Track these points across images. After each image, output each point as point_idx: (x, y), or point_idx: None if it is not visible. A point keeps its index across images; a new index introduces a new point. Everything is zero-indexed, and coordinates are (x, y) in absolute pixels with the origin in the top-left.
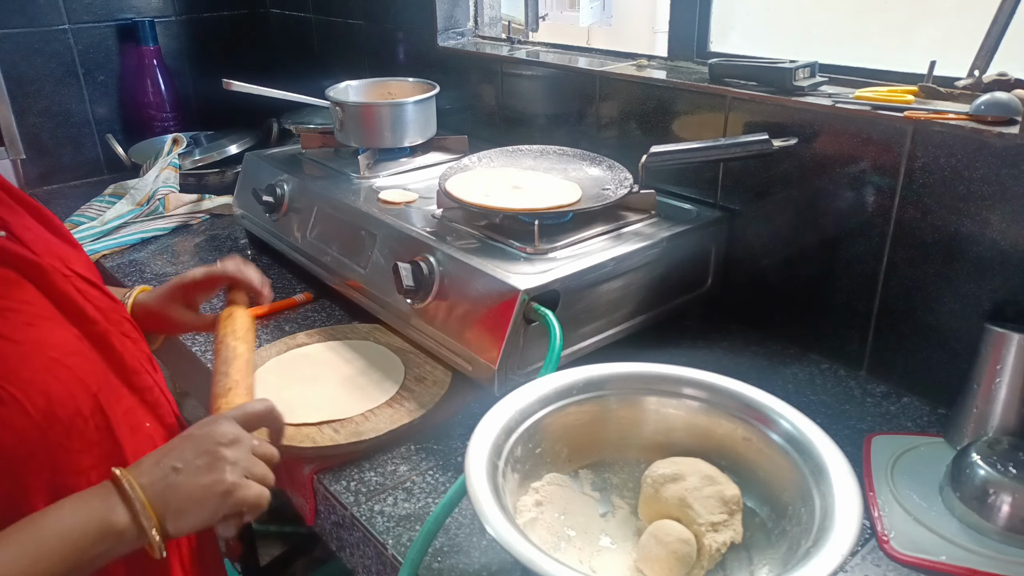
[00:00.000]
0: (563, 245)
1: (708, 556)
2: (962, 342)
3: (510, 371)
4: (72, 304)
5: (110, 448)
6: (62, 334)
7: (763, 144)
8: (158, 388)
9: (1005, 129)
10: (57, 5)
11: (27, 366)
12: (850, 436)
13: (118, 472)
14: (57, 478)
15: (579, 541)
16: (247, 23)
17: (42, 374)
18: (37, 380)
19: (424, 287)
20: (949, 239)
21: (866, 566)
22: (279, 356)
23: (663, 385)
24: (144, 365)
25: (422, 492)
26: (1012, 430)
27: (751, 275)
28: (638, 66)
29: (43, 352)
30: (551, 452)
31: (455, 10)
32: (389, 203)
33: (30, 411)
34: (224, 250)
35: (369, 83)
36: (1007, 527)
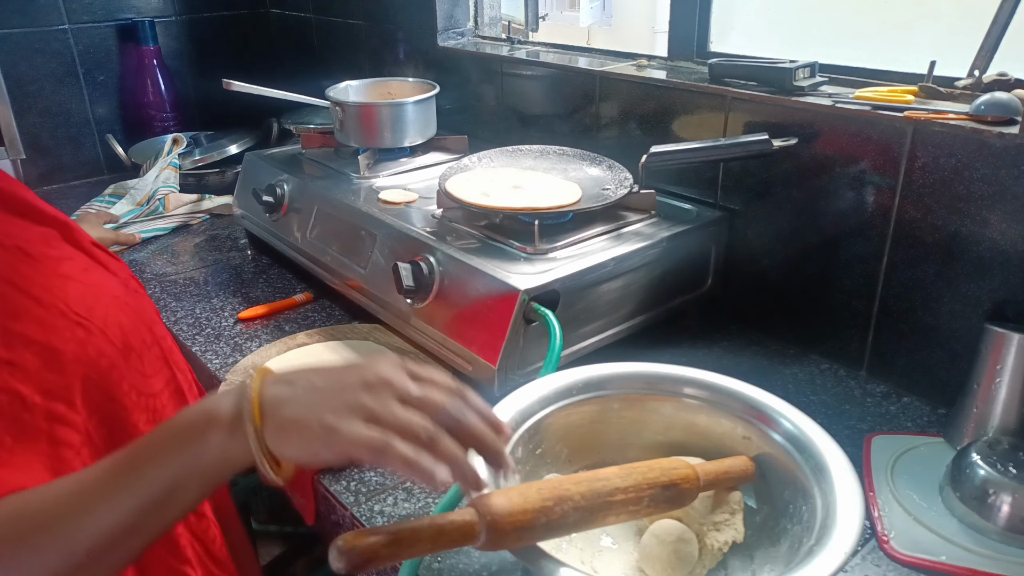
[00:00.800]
0: (563, 245)
1: (709, 555)
2: (962, 342)
3: (510, 371)
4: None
5: (170, 375)
6: (111, 279)
7: (763, 144)
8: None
9: (1005, 129)
10: (57, 5)
11: (99, 304)
12: (850, 436)
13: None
14: (142, 400)
15: (580, 541)
16: (247, 23)
17: (112, 310)
18: (111, 315)
19: (424, 287)
20: (949, 239)
21: (866, 566)
22: (279, 356)
23: (663, 385)
24: (154, 317)
25: (422, 492)
26: (1012, 430)
27: (751, 275)
28: (638, 66)
29: (107, 292)
30: (551, 453)
31: (455, 10)
32: (389, 203)
33: (112, 340)
34: (224, 250)
35: (369, 83)
36: (1007, 527)
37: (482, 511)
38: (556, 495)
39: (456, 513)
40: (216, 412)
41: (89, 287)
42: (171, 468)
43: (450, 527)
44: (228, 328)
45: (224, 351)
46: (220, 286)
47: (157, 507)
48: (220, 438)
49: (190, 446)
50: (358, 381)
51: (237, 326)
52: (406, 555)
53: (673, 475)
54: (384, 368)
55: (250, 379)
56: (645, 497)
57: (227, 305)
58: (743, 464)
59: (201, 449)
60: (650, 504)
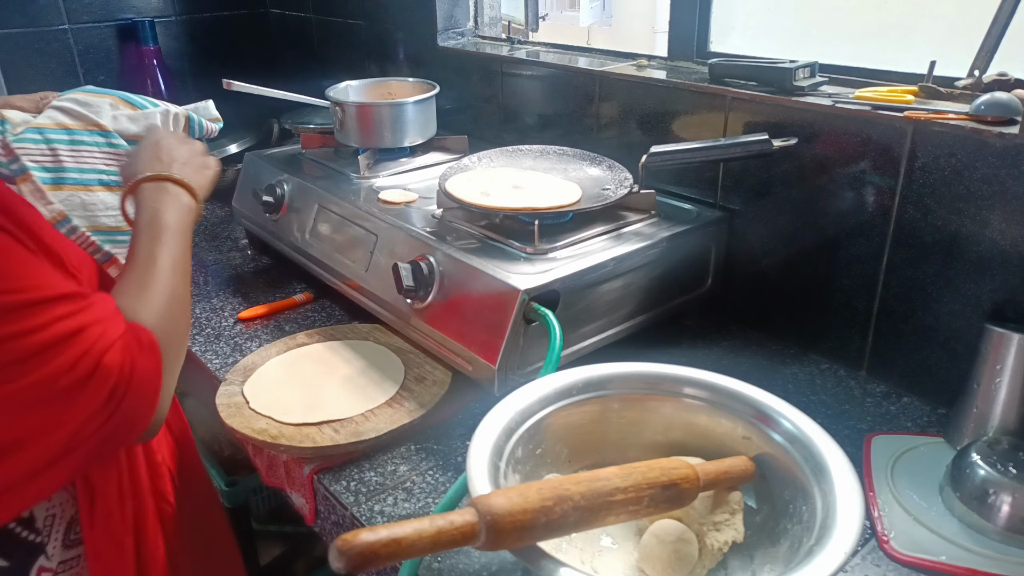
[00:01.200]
0: (563, 245)
1: (710, 555)
2: (962, 342)
3: (510, 371)
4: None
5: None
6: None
7: (763, 144)
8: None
9: (1005, 129)
10: (57, 5)
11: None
12: (850, 436)
13: (174, 175)
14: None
15: (580, 541)
16: (247, 23)
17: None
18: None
19: (424, 287)
20: (949, 239)
21: (866, 566)
22: (279, 356)
23: (663, 385)
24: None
25: (422, 492)
26: (1012, 430)
27: (751, 275)
28: (638, 66)
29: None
30: (551, 453)
31: (455, 10)
32: (389, 203)
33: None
34: (224, 250)
35: (369, 83)
36: (1007, 527)
37: (482, 511)
38: (556, 495)
39: (456, 513)
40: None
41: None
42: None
43: (450, 527)
44: (228, 328)
45: (224, 351)
46: (220, 286)
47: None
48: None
49: (188, 222)
50: (181, 141)
51: (237, 326)
52: (406, 555)
53: (673, 475)
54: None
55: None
56: (645, 497)
57: (227, 305)
58: (743, 464)
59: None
60: (650, 504)
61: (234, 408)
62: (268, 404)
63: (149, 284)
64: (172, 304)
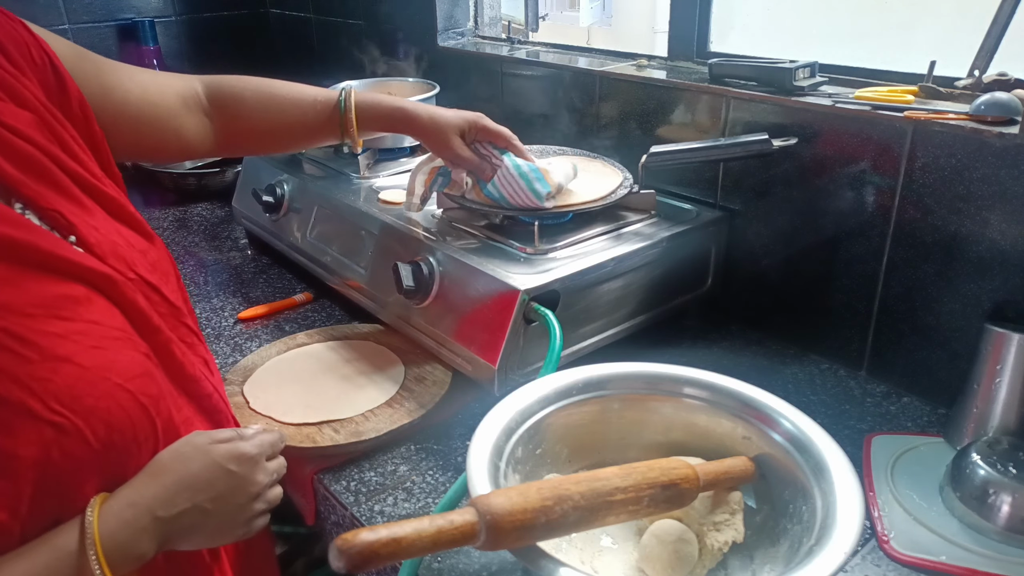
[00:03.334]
0: (563, 245)
1: (710, 555)
2: (962, 342)
3: (510, 371)
4: (141, 315)
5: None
6: (129, 355)
7: (763, 144)
8: (217, 394)
9: (1005, 129)
10: (57, 5)
11: (92, 393)
12: (850, 436)
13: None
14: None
15: (580, 541)
16: (247, 23)
17: (105, 401)
18: (100, 408)
19: (424, 287)
20: (949, 239)
21: (866, 566)
22: (279, 356)
23: (663, 385)
24: (202, 371)
25: (422, 492)
26: (1012, 430)
27: (751, 275)
28: (638, 66)
29: (108, 378)
30: (551, 453)
31: (455, 10)
32: (389, 203)
33: (90, 439)
34: (224, 250)
35: (369, 83)
36: (1007, 527)
37: (482, 511)
38: (556, 495)
39: (456, 513)
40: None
41: (87, 371)
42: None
43: (450, 527)
44: (228, 328)
45: (224, 351)
46: (220, 286)
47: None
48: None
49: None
50: (249, 497)
51: (237, 326)
52: (406, 555)
53: (673, 475)
54: (262, 475)
55: (89, 529)
56: (645, 497)
57: (227, 305)
58: (743, 464)
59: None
60: (650, 504)
61: (234, 408)
62: (268, 404)
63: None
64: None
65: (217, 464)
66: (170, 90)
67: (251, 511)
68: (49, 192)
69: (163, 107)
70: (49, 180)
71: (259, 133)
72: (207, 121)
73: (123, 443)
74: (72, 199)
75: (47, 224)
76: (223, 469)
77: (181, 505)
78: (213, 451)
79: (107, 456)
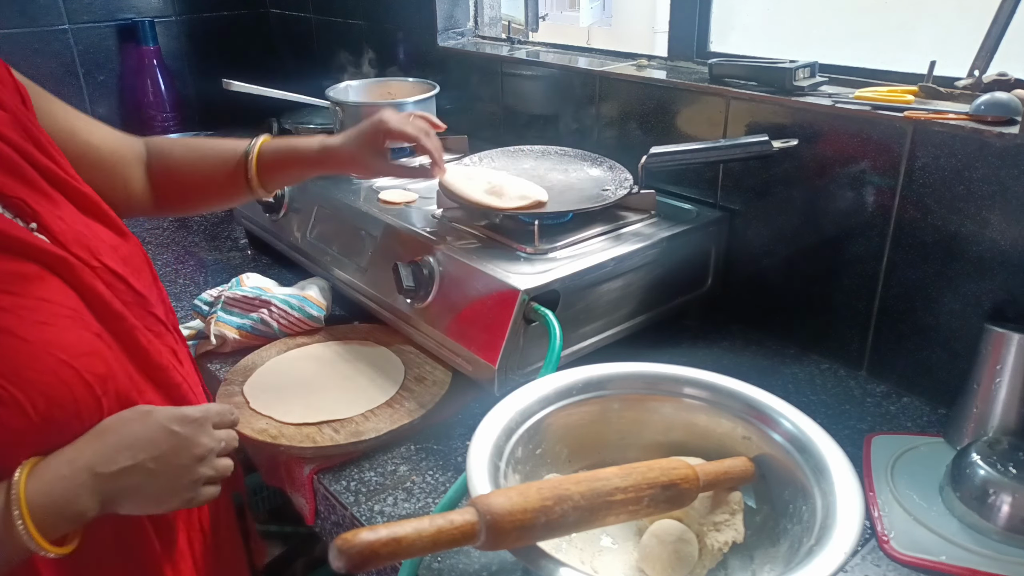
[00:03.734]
0: (563, 245)
1: (710, 555)
2: (962, 342)
3: (510, 371)
4: (98, 299)
5: None
6: (77, 333)
7: (763, 146)
8: (186, 384)
9: (1005, 129)
10: (57, 5)
11: (33, 366)
12: (850, 436)
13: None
14: None
15: (580, 541)
16: (247, 23)
17: (47, 375)
18: (41, 381)
19: (424, 287)
20: (949, 239)
21: (866, 566)
22: (279, 356)
23: (663, 385)
24: (170, 360)
25: (422, 492)
26: (1012, 430)
27: (751, 275)
28: (638, 66)
29: (51, 353)
30: (551, 453)
31: (455, 10)
32: (389, 203)
33: (29, 412)
34: (224, 250)
35: (369, 83)
36: (1007, 527)
37: (482, 510)
38: (556, 495)
39: (456, 513)
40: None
41: (30, 345)
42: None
43: (450, 527)
44: None
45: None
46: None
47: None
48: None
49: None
50: (194, 459)
51: None
52: (406, 554)
53: (673, 475)
54: (208, 439)
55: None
56: (645, 497)
57: None
58: (743, 464)
59: (7, 554)
60: (650, 504)
61: (234, 408)
62: (268, 404)
63: None
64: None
65: (160, 424)
66: (124, 141)
67: (195, 474)
68: (15, 183)
69: (119, 154)
70: (17, 173)
71: (187, 186)
72: (146, 176)
73: (64, 418)
74: (39, 191)
75: (10, 211)
76: (165, 429)
77: (122, 463)
78: (156, 412)
79: (46, 429)
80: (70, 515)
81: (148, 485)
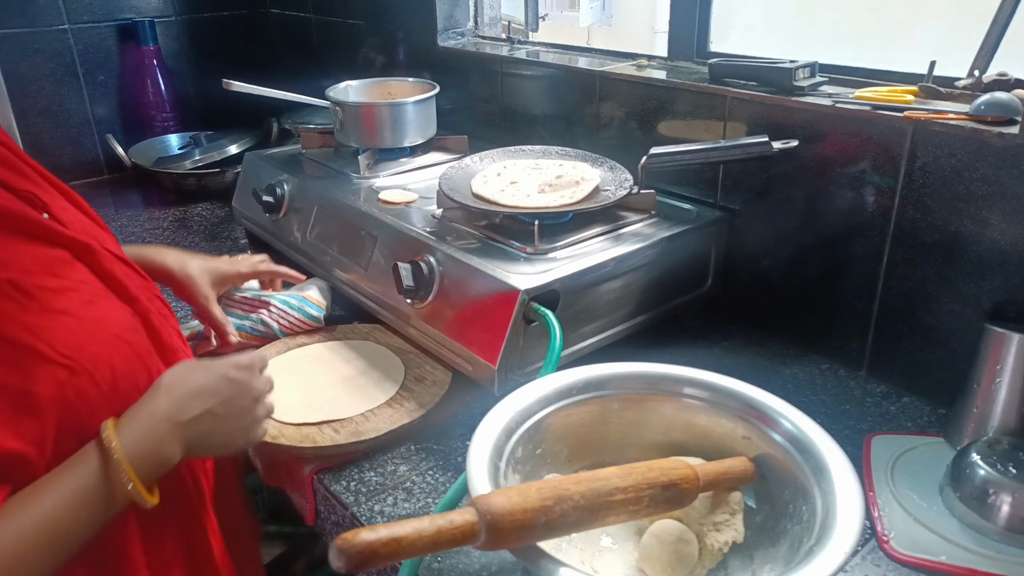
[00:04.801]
0: (563, 245)
1: (710, 555)
2: (962, 342)
3: (510, 371)
4: (117, 282)
5: None
6: (119, 312)
7: (763, 147)
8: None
9: (1005, 129)
10: (57, 5)
11: (93, 341)
12: (850, 436)
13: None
14: None
15: (580, 541)
16: (247, 23)
17: (107, 349)
18: (103, 355)
19: (424, 287)
20: (949, 239)
21: (866, 566)
22: (279, 356)
23: (663, 385)
24: (178, 342)
25: (422, 492)
26: (1012, 430)
27: (751, 275)
28: (638, 66)
29: (106, 328)
30: (551, 453)
31: (455, 10)
32: (389, 203)
33: (99, 383)
34: (224, 250)
35: (369, 83)
36: (1007, 527)
37: (482, 510)
38: (556, 495)
39: (456, 513)
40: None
41: (85, 323)
42: (90, 528)
43: (450, 527)
44: None
45: (224, 351)
46: None
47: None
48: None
49: (103, 512)
50: (252, 400)
51: None
52: (406, 554)
53: (673, 475)
54: (261, 383)
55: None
56: (645, 497)
57: None
58: (743, 465)
59: (109, 509)
60: (650, 504)
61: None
62: None
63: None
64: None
65: (220, 374)
66: None
67: (254, 414)
68: (20, 178)
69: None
70: (18, 170)
71: None
72: None
73: (127, 389)
74: (41, 187)
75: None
76: (226, 377)
77: (195, 411)
78: (213, 364)
79: (115, 399)
80: (161, 462)
81: (219, 428)
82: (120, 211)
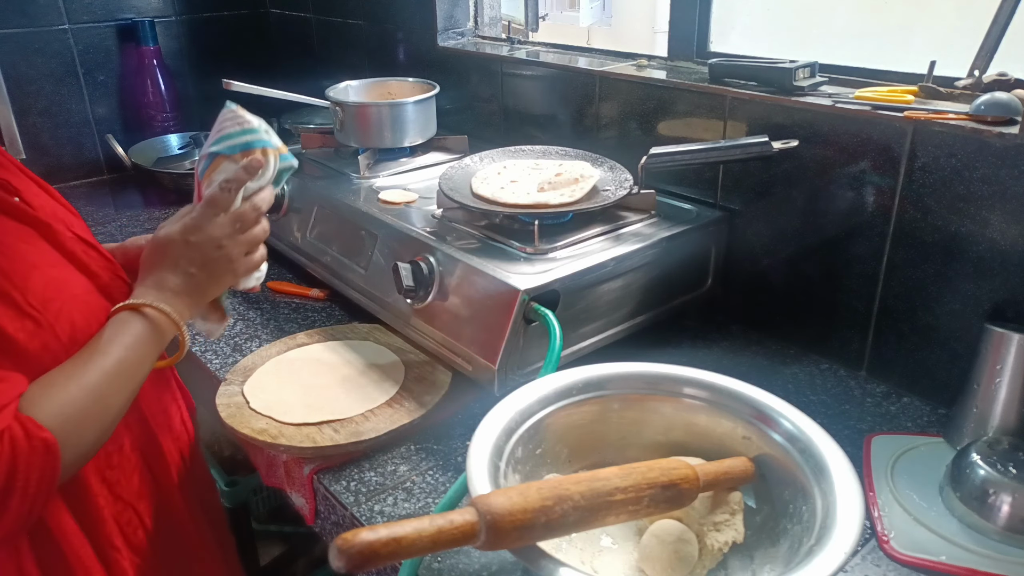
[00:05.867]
0: (563, 245)
1: (710, 555)
2: (962, 342)
3: (510, 371)
4: (78, 260)
5: None
6: (80, 280)
7: (763, 147)
8: None
9: (1005, 129)
10: (57, 5)
11: (58, 298)
12: (850, 436)
13: (162, 307)
14: None
15: (580, 541)
16: (247, 23)
17: (68, 306)
18: (64, 311)
19: (424, 287)
20: (949, 239)
21: (866, 566)
22: (279, 356)
23: (663, 385)
24: None
25: (422, 492)
26: (1012, 430)
27: (751, 275)
28: (638, 66)
29: (68, 289)
30: (551, 453)
31: (455, 10)
32: (389, 203)
33: (60, 336)
34: None
35: (369, 83)
36: (1007, 527)
37: (482, 511)
38: (556, 495)
39: (456, 513)
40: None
41: (51, 280)
42: (146, 368)
43: (450, 527)
44: (228, 328)
45: (224, 351)
46: None
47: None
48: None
49: (155, 352)
50: (216, 246)
51: (237, 326)
52: (406, 554)
53: (673, 475)
54: (217, 229)
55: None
56: (645, 497)
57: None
58: (743, 465)
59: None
60: (650, 504)
61: (234, 408)
62: (268, 404)
63: (69, 386)
64: (89, 408)
65: (180, 243)
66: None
67: (230, 253)
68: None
69: None
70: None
71: None
72: None
73: (84, 340)
74: (14, 175)
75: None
76: (185, 243)
77: (177, 281)
78: (171, 239)
79: (73, 350)
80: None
81: (208, 281)
82: (120, 211)
